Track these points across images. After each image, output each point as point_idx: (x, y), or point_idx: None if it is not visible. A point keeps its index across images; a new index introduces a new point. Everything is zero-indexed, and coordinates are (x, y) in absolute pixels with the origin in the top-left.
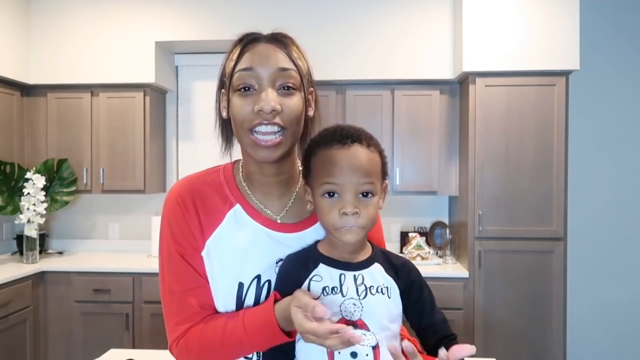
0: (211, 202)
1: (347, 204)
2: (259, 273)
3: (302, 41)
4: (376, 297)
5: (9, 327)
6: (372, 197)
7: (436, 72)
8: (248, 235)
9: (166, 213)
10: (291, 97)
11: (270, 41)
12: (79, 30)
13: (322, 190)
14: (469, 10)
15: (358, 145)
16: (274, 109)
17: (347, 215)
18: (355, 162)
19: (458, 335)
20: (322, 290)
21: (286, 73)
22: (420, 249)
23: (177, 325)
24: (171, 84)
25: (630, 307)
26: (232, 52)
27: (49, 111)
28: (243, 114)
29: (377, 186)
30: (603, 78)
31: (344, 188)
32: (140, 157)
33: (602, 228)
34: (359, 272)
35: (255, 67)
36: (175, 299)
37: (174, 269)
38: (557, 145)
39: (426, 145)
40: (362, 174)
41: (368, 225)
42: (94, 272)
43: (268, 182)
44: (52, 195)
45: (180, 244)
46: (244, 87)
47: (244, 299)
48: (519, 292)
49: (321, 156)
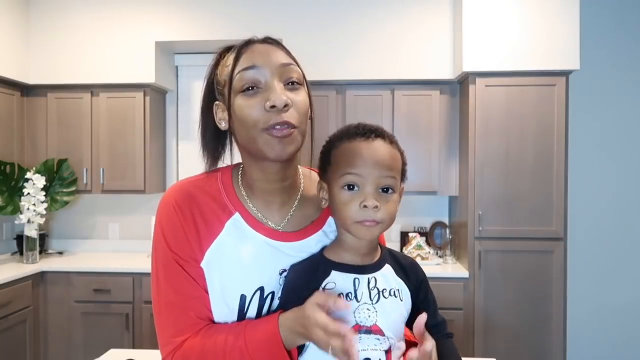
0: (209, 210)
1: (368, 196)
2: (262, 285)
3: (302, 42)
4: (389, 300)
5: (9, 327)
6: (393, 194)
7: (436, 72)
8: (249, 246)
9: (162, 220)
10: (298, 92)
11: (265, 42)
12: (79, 30)
13: (342, 181)
14: (469, 10)
15: (381, 140)
16: (286, 104)
17: (368, 209)
18: (378, 154)
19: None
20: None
21: (289, 68)
22: (420, 249)
23: (173, 337)
24: (171, 84)
25: (630, 308)
26: (222, 59)
27: (49, 111)
28: (254, 114)
29: (398, 183)
30: (603, 78)
31: (366, 180)
32: (140, 157)
33: (602, 228)
34: (372, 275)
35: (258, 64)
36: (172, 310)
37: (171, 279)
38: (557, 145)
39: (426, 145)
40: (385, 167)
41: (387, 221)
42: (94, 272)
43: (270, 189)
44: (52, 195)
45: (178, 252)
46: (249, 87)
47: (246, 311)
48: (519, 292)
49: (343, 148)
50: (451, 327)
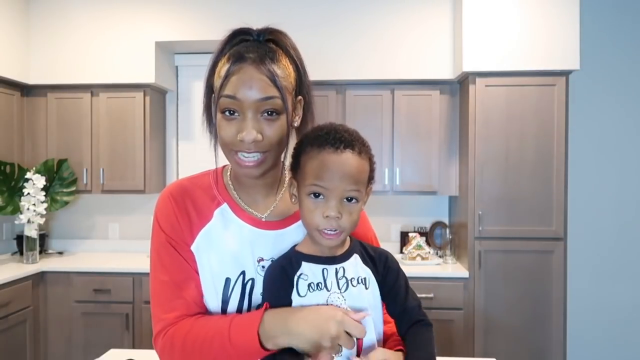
0: (201, 201)
1: (330, 208)
2: (244, 270)
3: (302, 41)
4: (357, 289)
5: (9, 327)
6: (356, 203)
7: (436, 72)
8: (234, 233)
9: (158, 210)
10: (274, 123)
11: (257, 62)
12: (79, 30)
13: (308, 190)
14: (469, 10)
15: (350, 152)
16: (254, 140)
17: (330, 218)
18: (345, 169)
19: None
20: (307, 287)
21: (269, 102)
22: (420, 249)
23: (164, 314)
24: (171, 84)
25: (630, 307)
26: (220, 59)
27: (49, 111)
28: (227, 136)
29: (362, 193)
30: (603, 78)
31: (331, 192)
32: (140, 157)
33: (602, 228)
34: (340, 265)
35: (238, 96)
36: (163, 289)
37: (164, 260)
38: (557, 145)
39: (426, 145)
40: (350, 182)
41: (349, 229)
42: (94, 272)
43: (253, 185)
44: (52, 196)
45: (171, 235)
46: (228, 111)
47: (230, 294)
48: (519, 292)
49: (312, 157)
50: (451, 327)
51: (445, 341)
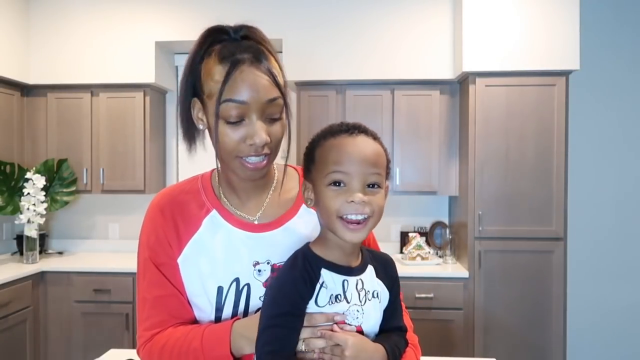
0: (189, 210)
1: (355, 192)
2: (237, 276)
3: (301, 41)
4: (372, 302)
5: (9, 327)
6: (379, 190)
7: (436, 72)
8: (225, 239)
9: (145, 222)
10: (276, 124)
11: (255, 62)
12: (79, 30)
13: (328, 179)
14: (469, 10)
15: (364, 136)
16: (265, 143)
17: (355, 203)
18: (364, 150)
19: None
20: (329, 297)
21: (274, 103)
22: (420, 249)
23: (145, 331)
24: (171, 84)
25: (630, 307)
26: (203, 60)
27: (49, 111)
28: (233, 144)
29: (383, 179)
30: (603, 78)
31: (352, 177)
32: (140, 157)
33: (601, 228)
34: (359, 277)
35: (247, 100)
36: (146, 306)
37: (147, 277)
38: (557, 145)
39: (426, 145)
40: (369, 164)
41: (375, 216)
42: (94, 272)
43: (245, 187)
44: (52, 195)
45: (155, 252)
46: (234, 117)
47: (223, 302)
48: (519, 292)
49: (328, 145)
50: (451, 327)
51: (445, 341)
